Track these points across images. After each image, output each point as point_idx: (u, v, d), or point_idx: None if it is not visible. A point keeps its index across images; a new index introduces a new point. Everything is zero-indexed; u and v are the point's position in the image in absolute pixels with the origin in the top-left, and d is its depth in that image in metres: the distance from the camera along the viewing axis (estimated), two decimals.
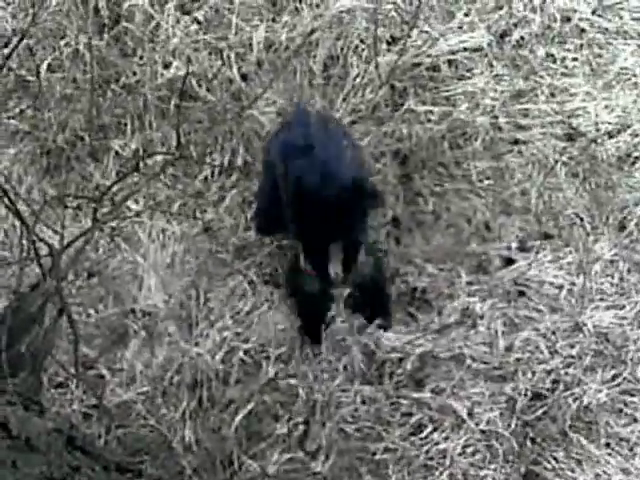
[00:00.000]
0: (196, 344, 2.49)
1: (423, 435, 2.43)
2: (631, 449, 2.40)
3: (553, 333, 2.55)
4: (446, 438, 2.41)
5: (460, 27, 3.25)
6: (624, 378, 2.48)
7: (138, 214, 2.47)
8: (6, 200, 2.02)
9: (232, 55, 3.09)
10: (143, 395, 2.42)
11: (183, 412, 2.40)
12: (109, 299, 2.53)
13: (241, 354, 2.48)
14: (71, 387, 2.39)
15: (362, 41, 3.14)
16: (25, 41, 3.09)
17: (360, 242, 2.42)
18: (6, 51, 2.94)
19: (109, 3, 3.17)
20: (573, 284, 2.65)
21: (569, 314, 2.59)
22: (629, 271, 2.67)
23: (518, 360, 2.51)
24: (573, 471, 2.37)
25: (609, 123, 3.03)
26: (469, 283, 2.65)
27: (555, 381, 2.49)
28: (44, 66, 3.02)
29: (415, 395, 2.47)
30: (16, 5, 3.15)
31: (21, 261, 1.97)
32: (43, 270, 1.94)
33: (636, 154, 2.94)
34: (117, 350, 2.47)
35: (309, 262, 2.40)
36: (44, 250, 2.06)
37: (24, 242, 2.02)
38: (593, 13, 3.33)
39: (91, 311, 2.50)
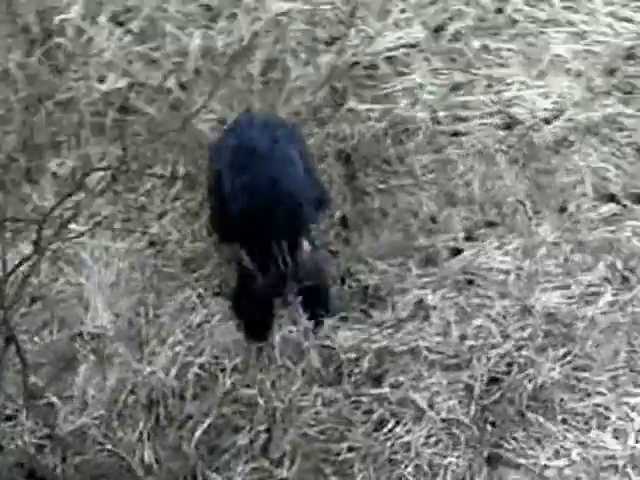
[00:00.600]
0: (149, 362, 2.45)
1: (385, 430, 2.44)
2: (586, 423, 2.45)
3: (504, 317, 2.59)
4: (408, 431, 2.43)
5: (396, 24, 3.28)
6: (575, 355, 2.53)
7: (82, 234, 2.41)
8: None
9: (169, 65, 3.05)
10: (97, 420, 2.36)
11: (140, 433, 2.36)
12: (54, 324, 2.47)
13: (196, 368, 2.46)
14: (21, 419, 2.32)
15: (300, 43, 3.14)
16: None
17: (300, 239, 2.43)
18: None
19: (39, 18, 3.10)
20: (520, 268, 2.70)
21: (518, 298, 2.64)
22: (572, 251, 2.73)
23: (472, 347, 2.54)
24: (534, 449, 2.41)
25: (545, 110, 3.09)
26: (419, 276, 2.68)
27: (509, 364, 2.53)
28: None
29: (374, 391, 2.48)
30: None
31: None
32: None
33: (572, 138, 3.00)
34: (67, 376, 2.41)
35: (252, 260, 2.40)
36: None
37: None
38: (525, 3, 3.40)
39: (36, 338, 2.43)
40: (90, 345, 2.44)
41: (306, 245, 2.48)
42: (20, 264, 1.99)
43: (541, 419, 2.44)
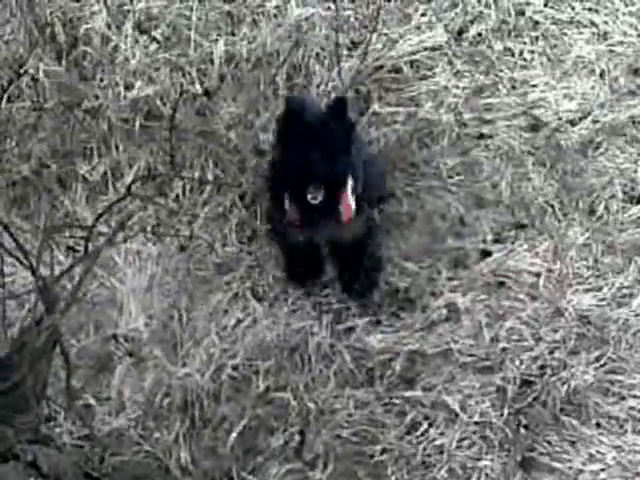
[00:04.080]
0: (183, 364, 2.47)
1: (418, 433, 2.44)
2: (621, 426, 2.44)
3: (536, 320, 2.59)
4: (441, 434, 2.43)
5: (418, 27, 3.29)
6: (608, 358, 2.52)
7: (126, 239, 2.43)
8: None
9: (193, 72, 3.08)
10: (134, 421, 2.38)
11: (177, 434, 2.37)
12: (90, 326, 2.49)
13: (230, 370, 2.47)
14: (59, 420, 2.34)
15: (323, 48, 3.16)
16: None
17: (345, 179, 2.36)
18: None
19: (66, 28, 3.14)
20: (550, 271, 2.69)
21: (549, 300, 2.63)
22: (602, 253, 2.73)
23: (504, 350, 2.54)
24: (568, 453, 2.40)
25: (570, 111, 3.10)
26: (450, 279, 2.68)
27: (542, 367, 2.52)
28: (3, 96, 2.97)
29: (407, 394, 2.48)
30: None
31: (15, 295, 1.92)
32: (45, 303, 1.90)
33: (598, 139, 3.00)
34: (103, 378, 2.43)
35: (292, 207, 2.34)
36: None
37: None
38: (546, 5, 3.41)
39: (73, 340, 2.45)
40: (125, 347, 2.46)
41: (350, 183, 2.36)
42: (70, 268, 2.01)
43: (575, 422, 2.43)
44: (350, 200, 2.42)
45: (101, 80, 3.04)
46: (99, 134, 2.93)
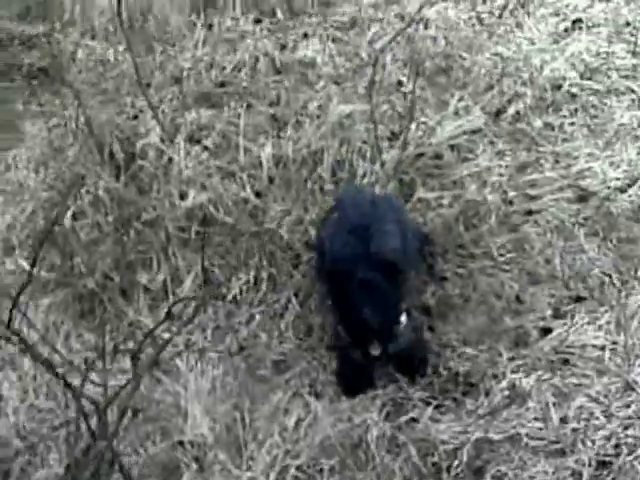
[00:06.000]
0: (248, 467, 2.46)
1: None
2: None
3: (605, 396, 2.49)
4: None
5: (456, 112, 3.38)
6: None
7: (179, 353, 2.50)
8: (49, 368, 2.08)
9: (244, 176, 3.22)
10: None
11: None
12: (157, 434, 2.53)
13: (294, 471, 2.44)
14: None
15: (364, 142, 3.27)
16: (47, 194, 3.27)
17: (399, 312, 2.46)
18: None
19: (123, 145, 3.34)
20: (615, 343, 2.61)
21: (617, 374, 2.54)
22: None
23: (575, 430, 2.43)
24: None
25: (617, 179, 3.08)
26: (511, 359, 2.62)
27: (617, 445, 2.40)
28: (68, 215, 3.17)
29: None
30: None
31: (69, 424, 2.00)
32: (92, 431, 1.97)
33: None
34: None
35: (348, 334, 2.45)
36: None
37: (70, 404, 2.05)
38: (582, 77, 3.45)
39: (140, 449, 2.49)
40: (191, 453, 2.48)
41: (404, 319, 2.49)
42: (119, 391, 2.09)
43: None
44: (402, 319, 2.51)
45: (157, 192, 3.21)
46: (158, 244, 3.07)
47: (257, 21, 3.70)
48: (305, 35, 3.65)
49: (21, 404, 2.67)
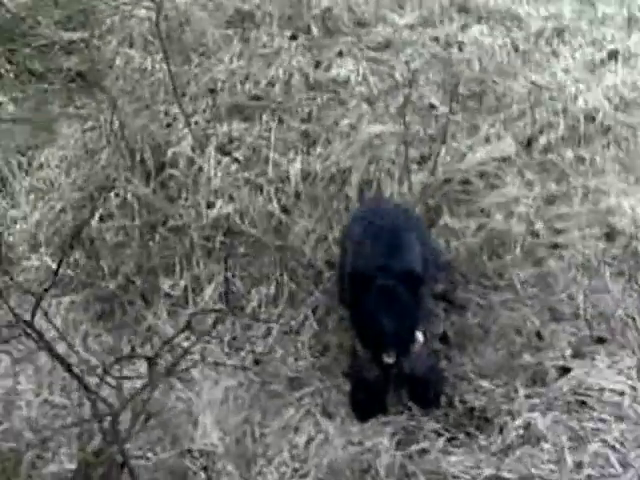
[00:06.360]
0: None
1: None
2: None
3: (622, 444, 2.43)
4: None
5: (487, 139, 3.36)
6: None
7: (193, 365, 2.52)
8: (65, 367, 2.10)
9: (271, 190, 3.23)
10: None
11: None
12: (167, 441, 2.54)
13: None
14: None
15: (393, 163, 3.26)
16: (76, 194, 3.31)
17: (415, 324, 2.46)
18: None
19: (154, 152, 3.38)
20: (635, 389, 2.55)
21: (636, 422, 2.48)
22: None
23: (589, 477, 2.37)
24: None
25: None
26: (527, 396, 2.57)
27: None
28: (96, 217, 3.21)
29: None
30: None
31: (82, 423, 2.01)
32: (104, 433, 1.99)
33: None
34: None
35: (364, 348, 2.44)
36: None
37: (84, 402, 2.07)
38: (616, 109, 3.41)
39: (150, 454, 2.50)
40: (200, 462, 2.48)
41: (420, 337, 2.48)
42: (133, 397, 2.10)
43: None
44: (419, 336, 2.49)
45: (185, 200, 3.24)
46: (181, 251, 3.09)
47: (292, 37, 3.73)
48: (340, 53, 3.67)
49: (35, 398, 2.70)
